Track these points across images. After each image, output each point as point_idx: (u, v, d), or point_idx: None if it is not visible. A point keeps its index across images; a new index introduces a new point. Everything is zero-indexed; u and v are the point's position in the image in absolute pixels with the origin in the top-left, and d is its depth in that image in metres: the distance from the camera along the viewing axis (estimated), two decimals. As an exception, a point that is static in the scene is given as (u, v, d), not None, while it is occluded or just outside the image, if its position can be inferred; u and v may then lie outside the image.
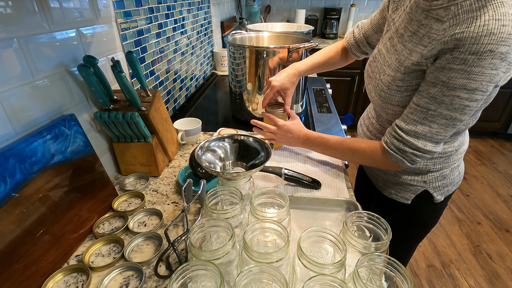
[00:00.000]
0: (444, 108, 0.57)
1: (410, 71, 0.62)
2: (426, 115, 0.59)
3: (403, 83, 0.64)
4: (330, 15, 3.01)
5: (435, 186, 0.77)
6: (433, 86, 0.57)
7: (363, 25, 0.87)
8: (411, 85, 0.63)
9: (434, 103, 0.57)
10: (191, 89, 1.51)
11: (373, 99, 0.75)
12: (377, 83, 0.71)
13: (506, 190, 2.32)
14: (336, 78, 2.87)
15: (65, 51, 0.65)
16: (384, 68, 0.69)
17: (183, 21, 1.33)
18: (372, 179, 0.90)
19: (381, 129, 0.80)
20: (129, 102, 0.75)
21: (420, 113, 0.60)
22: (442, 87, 0.56)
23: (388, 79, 0.67)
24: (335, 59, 0.95)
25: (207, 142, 0.67)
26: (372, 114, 0.85)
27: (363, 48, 0.88)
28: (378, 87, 0.70)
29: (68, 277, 0.56)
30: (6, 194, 0.49)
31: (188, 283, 0.42)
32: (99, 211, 0.69)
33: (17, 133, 0.55)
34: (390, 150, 0.66)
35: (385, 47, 0.71)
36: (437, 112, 0.58)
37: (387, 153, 0.67)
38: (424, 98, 0.59)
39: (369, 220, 0.50)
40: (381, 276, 0.44)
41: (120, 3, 0.84)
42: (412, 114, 0.61)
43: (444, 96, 0.56)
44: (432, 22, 0.58)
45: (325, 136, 0.79)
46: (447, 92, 0.55)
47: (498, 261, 1.74)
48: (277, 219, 0.49)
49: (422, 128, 0.60)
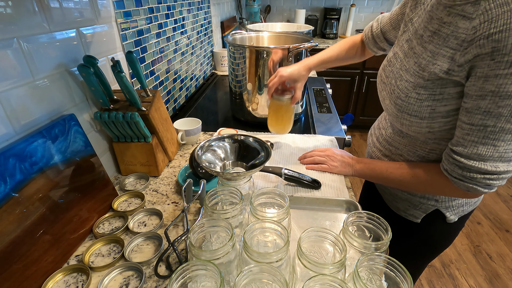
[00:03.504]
0: (505, 121, 0.48)
1: (436, 78, 0.55)
2: (486, 133, 0.50)
3: (425, 91, 0.57)
4: (330, 15, 3.01)
5: (448, 206, 0.71)
6: (482, 99, 0.49)
7: (382, 19, 0.80)
8: (434, 94, 0.56)
9: (491, 118, 0.49)
10: (191, 89, 1.51)
11: (386, 107, 0.68)
12: (392, 90, 0.64)
13: (506, 190, 2.32)
14: (336, 78, 2.87)
15: (65, 51, 0.65)
16: (401, 73, 0.62)
17: (183, 21, 1.33)
18: (380, 191, 0.84)
19: (391, 141, 0.74)
20: (129, 102, 0.75)
21: (477, 132, 0.51)
22: (494, 97, 0.48)
23: (406, 85, 0.60)
24: (350, 53, 0.89)
25: (207, 142, 0.67)
26: (383, 125, 0.79)
27: (380, 44, 0.82)
28: (394, 94, 0.63)
29: (68, 277, 0.56)
30: (6, 194, 0.49)
31: (188, 283, 0.42)
32: (99, 211, 0.69)
33: (17, 133, 0.55)
34: (455, 179, 0.57)
35: (402, 50, 0.64)
36: (498, 127, 0.49)
37: (451, 182, 0.58)
38: (476, 115, 0.51)
39: (369, 220, 0.50)
40: (381, 276, 0.44)
41: (120, 3, 0.84)
42: (468, 136, 0.53)
43: (500, 108, 0.48)
44: (458, 19, 0.51)
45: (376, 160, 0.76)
46: (501, 102, 0.47)
47: (498, 261, 1.74)
48: (277, 219, 0.49)
49: (485, 149, 0.51)
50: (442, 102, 0.56)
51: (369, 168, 0.75)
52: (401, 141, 0.71)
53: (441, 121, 0.58)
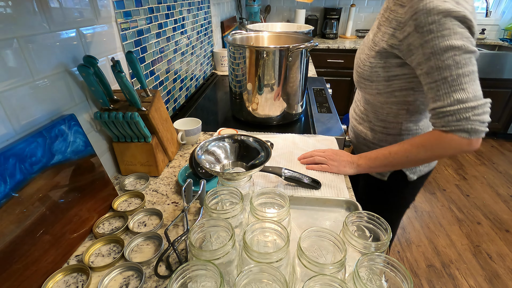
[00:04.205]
0: (456, 69, 0.61)
1: (383, 51, 0.74)
2: (449, 82, 0.62)
3: (374, 60, 0.76)
4: (330, 15, 3.01)
5: None
6: (429, 60, 0.63)
7: None
8: (380, 62, 0.75)
9: (445, 70, 0.62)
10: (191, 89, 1.51)
11: (354, 77, 0.88)
12: (357, 62, 0.84)
13: (506, 190, 2.32)
14: (336, 78, 2.87)
15: (65, 51, 0.65)
16: (364, 48, 0.82)
17: (183, 21, 1.33)
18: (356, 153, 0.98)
19: (362, 110, 0.92)
20: (129, 102, 0.75)
21: (443, 85, 0.63)
22: (435, 55, 0.62)
23: (364, 57, 0.80)
24: None
25: (207, 142, 0.67)
26: (357, 98, 0.97)
27: None
28: (357, 64, 0.84)
29: (68, 277, 0.56)
30: (6, 194, 0.49)
31: (188, 283, 0.42)
32: (99, 211, 0.69)
33: (17, 133, 0.55)
34: (454, 128, 0.64)
35: (372, 33, 0.82)
36: (454, 75, 0.61)
37: (460, 137, 0.64)
38: (433, 73, 0.63)
39: (369, 220, 0.50)
40: (381, 276, 0.44)
41: (120, 3, 0.84)
42: (439, 91, 0.64)
43: (445, 61, 0.61)
44: (398, 7, 0.70)
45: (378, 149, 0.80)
46: (442, 57, 0.61)
47: (498, 261, 1.74)
48: (277, 219, 0.49)
49: (459, 95, 0.62)
50: (385, 69, 0.76)
51: (372, 158, 0.80)
52: (367, 108, 0.90)
53: (384, 84, 0.78)
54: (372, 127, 0.90)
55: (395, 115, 0.83)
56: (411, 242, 1.88)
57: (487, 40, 3.08)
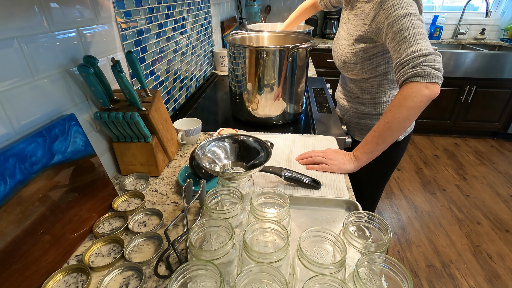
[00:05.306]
0: (413, 29, 0.75)
1: (359, 38, 0.92)
2: (407, 39, 0.75)
3: (354, 46, 0.94)
4: (330, 15, 3.01)
5: None
6: (392, 27, 0.78)
7: None
8: (359, 47, 0.93)
9: (404, 31, 0.76)
10: (191, 89, 1.51)
11: (337, 65, 1.06)
12: (338, 52, 1.03)
13: (506, 190, 2.32)
14: (336, 78, 2.85)
15: (65, 51, 0.65)
16: (342, 41, 1.01)
17: (183, 21, 1.33)
18: (350, 131, 1.16)
19: (348, 89, 1.10)
20: (129, 102, 0.75)
21: (403, 43, 0.76)
22: (396, 21, 0.77)
23: (344, 47, 0.98)
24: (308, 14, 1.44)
25: (207, 142, 0.67)
26: (343, 80, 1.15)
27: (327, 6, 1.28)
28: (339, 54, 1.01)
29: (68, 277, 0.56)
30: (6, 194, 0.49)
31: (188, 283, 0.42)
32: (99, 211, 0.69)
33: (17, 133, 0.55)
34: (412, 75, 0.74)
35: (343, 30, 1.02)
36: (411, 33, 0.75)
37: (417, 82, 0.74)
38: (395, 37, 0.77)
39: (369, 220, 0.50)
40: (381, 276, 0.44)
41: (120, 3, 0.84)
42: (400, 48, 0.77)
43: (404, 24, 0.76)
44: (364, 4, 0.90)
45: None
46: (401, 22, 0.76)
47: (498, 261, 1.74)
48: (277, 219, 0.49)
49: (414, 48, 0.74)
50: (365, 51, 0.93)
51: (364, 144, 0.85)
52: (353, 86, 1.07)
53: (367, 62, 0.95)
54: (361, 101, 1.07)
55: (378, 85, 1.00)
56: (411, 242, 1.88)
57: (487, 40, 3.08)
